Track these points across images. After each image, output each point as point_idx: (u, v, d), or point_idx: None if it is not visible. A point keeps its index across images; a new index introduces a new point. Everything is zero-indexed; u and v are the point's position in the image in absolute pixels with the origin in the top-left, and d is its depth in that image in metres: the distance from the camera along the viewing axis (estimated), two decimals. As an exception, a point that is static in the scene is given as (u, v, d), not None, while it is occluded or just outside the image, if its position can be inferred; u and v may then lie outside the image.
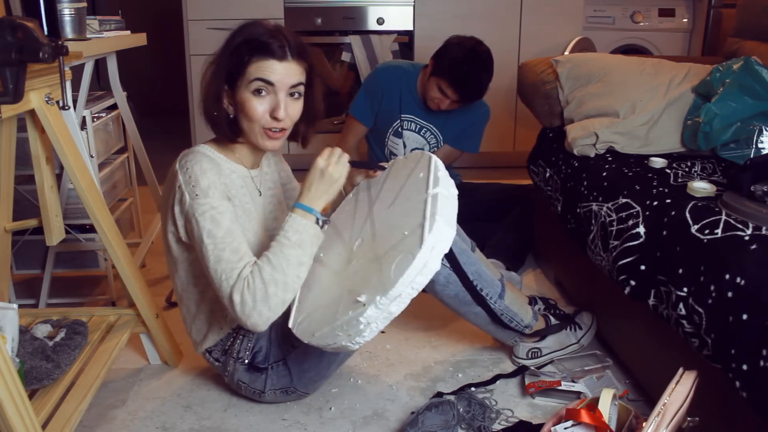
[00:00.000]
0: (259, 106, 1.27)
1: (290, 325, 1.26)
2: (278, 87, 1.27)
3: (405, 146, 2.37)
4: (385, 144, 2.39)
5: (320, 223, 1.30)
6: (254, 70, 1.25)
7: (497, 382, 1.57)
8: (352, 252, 1.28)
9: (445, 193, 1.20)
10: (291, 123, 1.33)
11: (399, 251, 1.15)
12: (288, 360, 1.41)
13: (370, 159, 2.47)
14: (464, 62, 2.15)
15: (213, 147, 1.37)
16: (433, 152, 2.36)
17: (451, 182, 1.24)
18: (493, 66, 2.22)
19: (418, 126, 2.34)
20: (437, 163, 1.28)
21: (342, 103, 3.43)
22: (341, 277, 1.25)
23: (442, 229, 1.13)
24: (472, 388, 1.53)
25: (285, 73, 1.27)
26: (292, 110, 1.31)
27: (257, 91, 1.27)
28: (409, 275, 1.10)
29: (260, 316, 1.21)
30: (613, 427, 1.17)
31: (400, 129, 2.34)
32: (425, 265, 1.11)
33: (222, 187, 1.29)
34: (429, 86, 2.23)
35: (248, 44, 1.25)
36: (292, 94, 1.30)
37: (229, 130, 1.32)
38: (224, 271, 1.22)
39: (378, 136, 2.41)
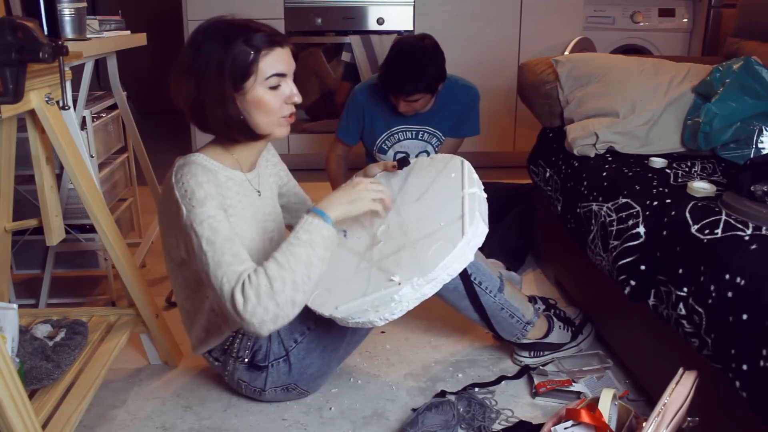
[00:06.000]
0: (276, 100, 1.27)
1: None
2: (289, 74, 1.28)
3: (409, 155, 2.36)
4: (375, 158, 2.42)
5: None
6: (266, 66, 1.24)
7: (500, 383, 1.57)
8: (375, 237, 1.35)
9: (480, 195, 1.31)
10: None
11: (436, 239, 1.24)
12: (290, 355, 1.41)
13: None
14: (387, 65, 2.14)
15: (208, 155, 1.33)
16: (437, 149, 2.37)
17: (482, 186, 1.35)
18: (425, 55, 2.08)
19: (413, 132, 2.34)
20: (470, 167, 1.40)
21: (338, 105, 3.42)
22: (365, 258, 1.31)
23: (480, 225, 1.24)
24: (476, 389, 1.54)
25: (288, 58, 1.28)
26: None
27: (275, 86, 1.26)
28: (448, 262, 1.19)
29: (266, 312, 1.13)
30: (613, 427, 1.17)
31: (384, 146, 2.36)
32: (463, 254, 1.21)
33: (219, 198, 1.25)
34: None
35: (249, 43, 1.22)
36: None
37: (238, 132, 1.29)
38: (225, 274, 1.16)
39: (368, 152, 2.44)
